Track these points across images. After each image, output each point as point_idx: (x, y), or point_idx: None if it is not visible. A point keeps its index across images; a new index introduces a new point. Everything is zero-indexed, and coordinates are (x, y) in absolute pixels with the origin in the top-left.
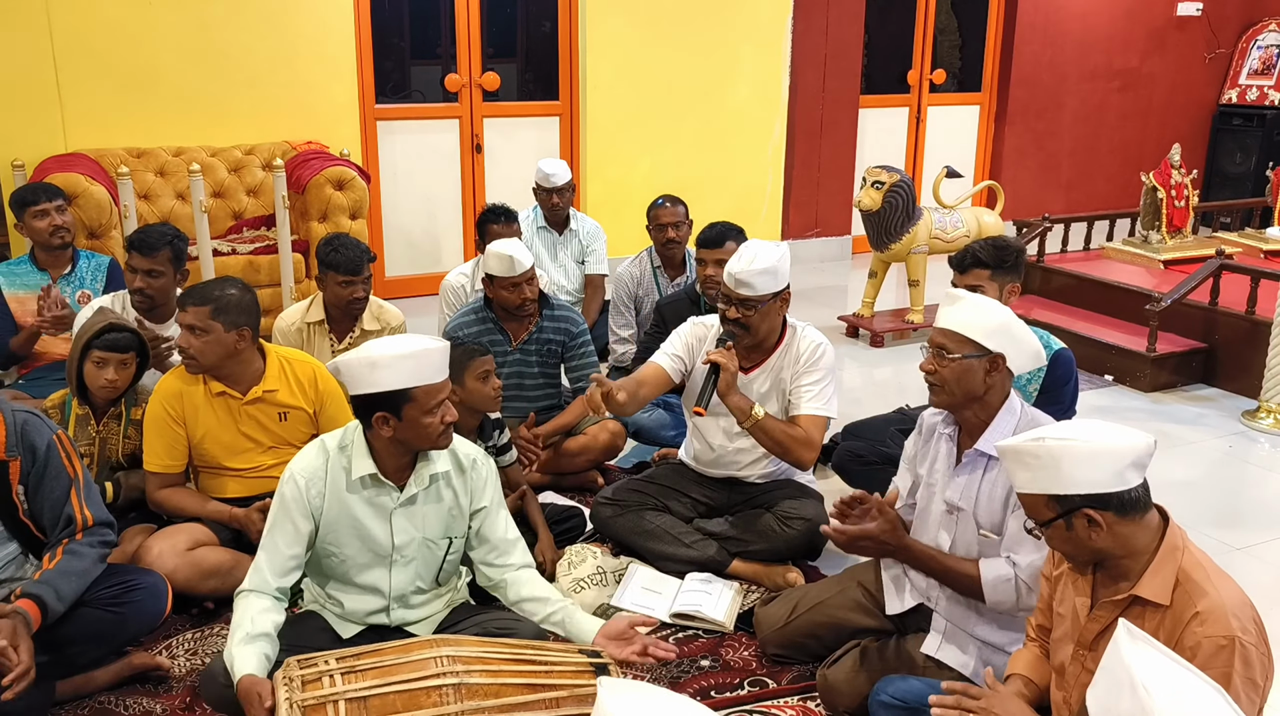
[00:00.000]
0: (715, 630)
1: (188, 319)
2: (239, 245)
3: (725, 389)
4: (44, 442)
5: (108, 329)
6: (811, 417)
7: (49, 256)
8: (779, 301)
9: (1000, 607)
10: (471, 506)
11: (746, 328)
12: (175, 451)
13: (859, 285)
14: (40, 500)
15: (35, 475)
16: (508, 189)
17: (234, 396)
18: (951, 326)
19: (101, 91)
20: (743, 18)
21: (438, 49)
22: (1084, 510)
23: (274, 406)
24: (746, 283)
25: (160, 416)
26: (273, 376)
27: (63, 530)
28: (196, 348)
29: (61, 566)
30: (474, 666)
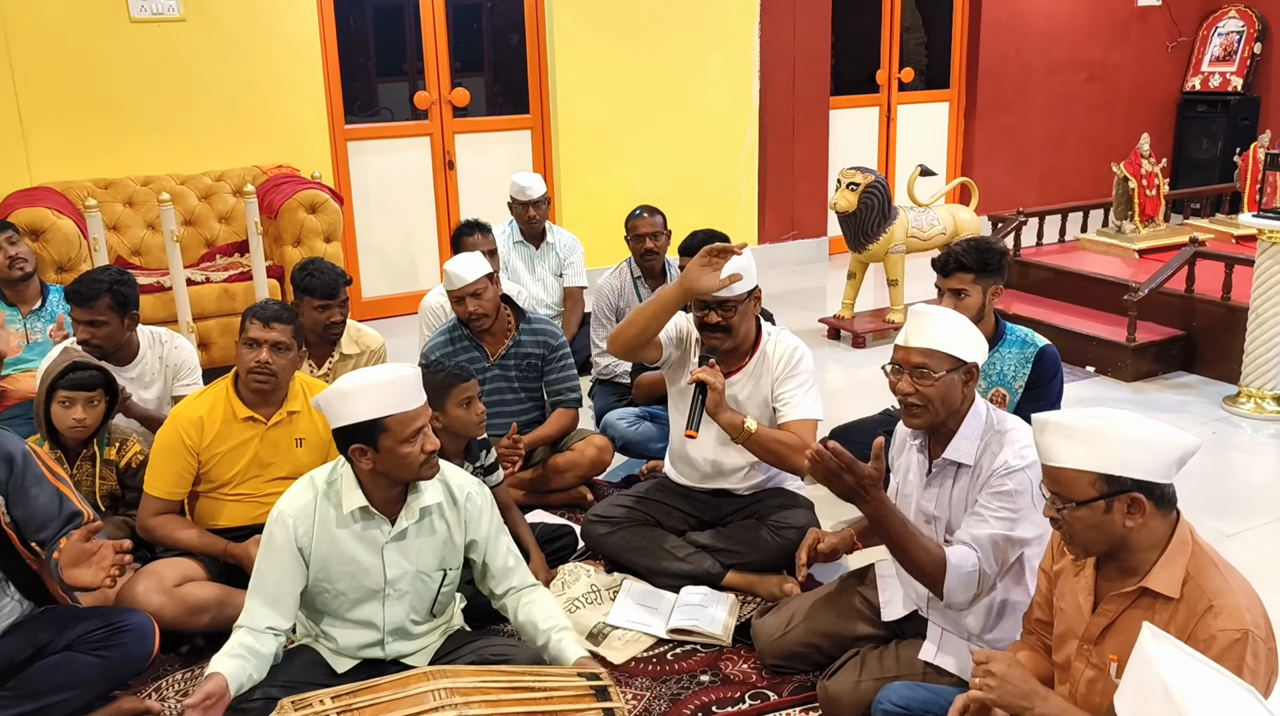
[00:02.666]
0: (713, 643)
1: (273, 335)
2: (213, 273)
3: (715, 408)
4: (18, 450)
5: (72, 368)
6: (801, 422)
7: (15, 292)
8: (752, 300)
9: (955, 598)
10: (466, 537)
11: (728, 330)
12: (182, 479)
13: (837, 287)
14: (28, 506)
15: (15, 482)
16: (482, 204)
17: (259, 420)
18: (929, 344)
19: (65, 123)
20: (710, 22)
21: (405, 66)
22: (1132, 493)
23: (293, 431)
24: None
25: (175, 442)
26: (295, 398)
27: (65, 526)
28: (280, 365)
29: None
30: (473, 697)
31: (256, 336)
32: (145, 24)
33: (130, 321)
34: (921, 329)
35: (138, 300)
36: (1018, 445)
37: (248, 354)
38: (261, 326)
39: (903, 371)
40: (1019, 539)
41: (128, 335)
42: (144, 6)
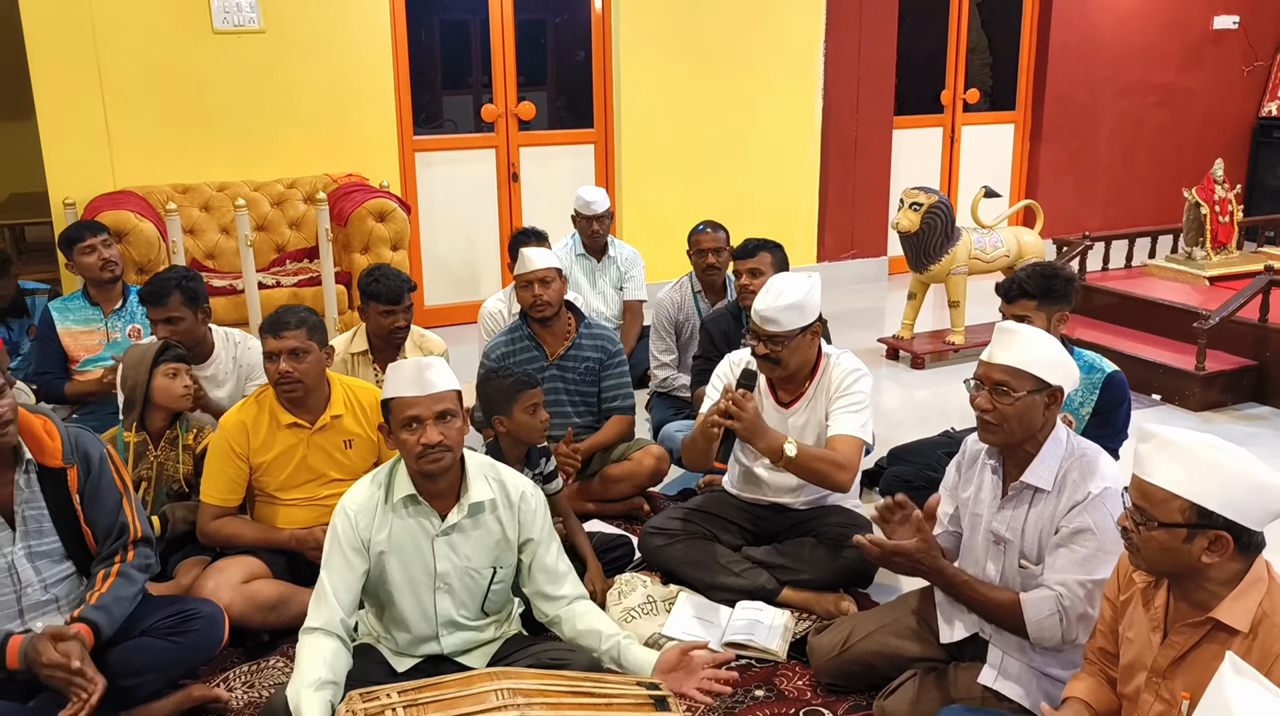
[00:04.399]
0: (768, 659)
1: (289, 343)
2: (283, 278)
3: (751, 435)
4: (97, 454)
5: (167, 345)
6: (845, 438)
7: (101, 292)
8: (808, 335)
9: (1045, 643)
10: (520, 538)
11: (776, 362)
12: (235, 485)
13: (896, 307)
14: (96, 510)
15: (90, 485)
16: (544, 217)
17: (304, 426)
18: (1013, 362)
19: (148, 129)
20: (775, 41)
21: (469, 80)
22: (1220, 531)
23: (340, 434)
24: (772, 319)
25: (224, 450)
26: (338, 402)
27: (116, 539)
28: (302, 370)
29: (114, 590)
30: (535, 699)
31: (272, 348)
32: (227, 35)
33: (203, 315)
34: (1008, 346)
35: (206, 296)
36: (1100, 474)
37: (270, 368)
38: (274, 338)
39: (983, 387)
40: (1102, 581)
41: (203, 331)
42: (226, 18)
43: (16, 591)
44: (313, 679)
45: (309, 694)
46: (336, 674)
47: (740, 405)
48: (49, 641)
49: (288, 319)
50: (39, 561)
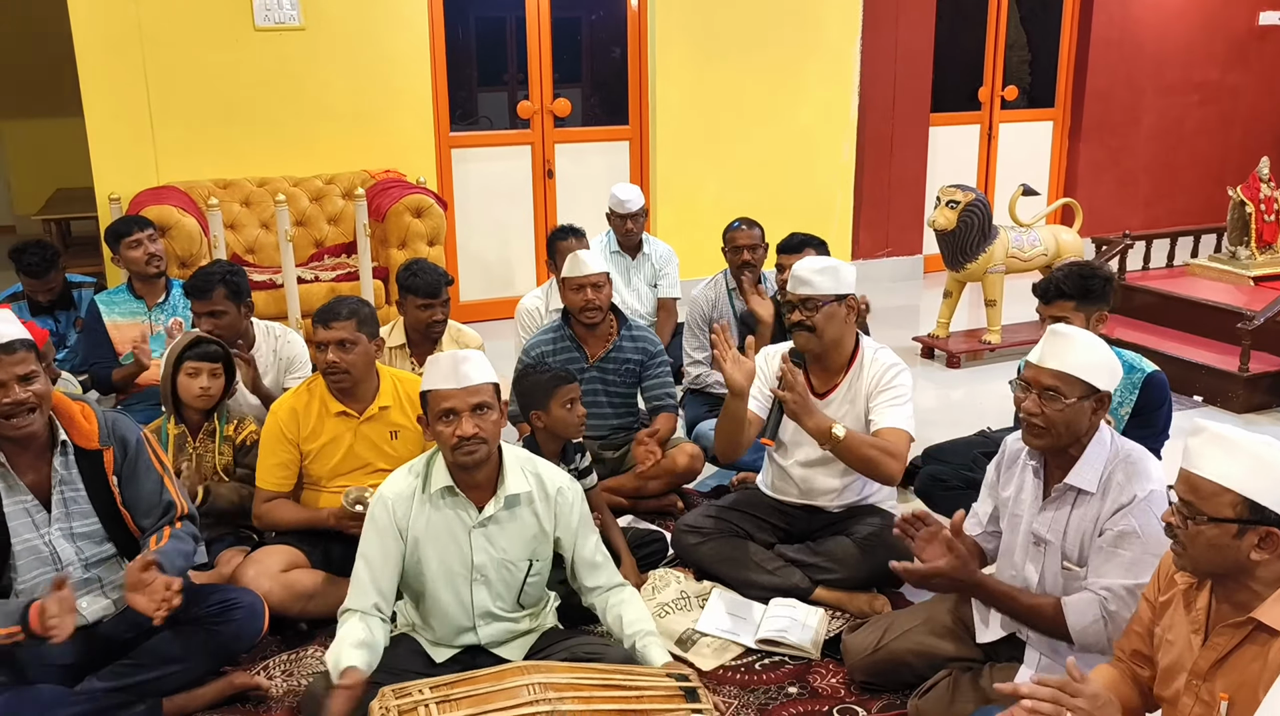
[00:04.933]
0: (802, 656)
1: (337, 334)
2: (321, 273)
3: (800, 412)
4: (133, 437)
5: (196, 342)
6: (894, 430)
7: (145, 285)
8: (843, 307)
9: (1090, 648)
10: (556, 531)
11: (812, 329)
12: (287, 470)
13: (931, 305)
14: (135, 491)
15: (128, 467)
16: (579, 214)
17: (352, 415)
18: (1065, 368)
19: (191, 125)
20: (811, 37)
21: (505, 77)
22: (1272, 528)
23: (387, 424)
24: (806, 281)
25: (276, 434)
26: (387, 393)
27: (162, 516)
28: (349, 361)
29: (171, 545)
30: (566, 693)
31: (322, 338)
32: (268, 33)
33: (246, 309)
34: (1058, 351)
35: (249, 290)
36: (1146, 476)
37: (320, 358)
38: (323, 328)
39: (1031, 390)
40: (1145, 583)
41: (245, 324)
42: (268, 16)
43: (58, 569)
44: (353, 640)
45: (348, 649)
46: (374, 641)
47: (793, 374)
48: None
49: (338, 310)
50: (79, 541)
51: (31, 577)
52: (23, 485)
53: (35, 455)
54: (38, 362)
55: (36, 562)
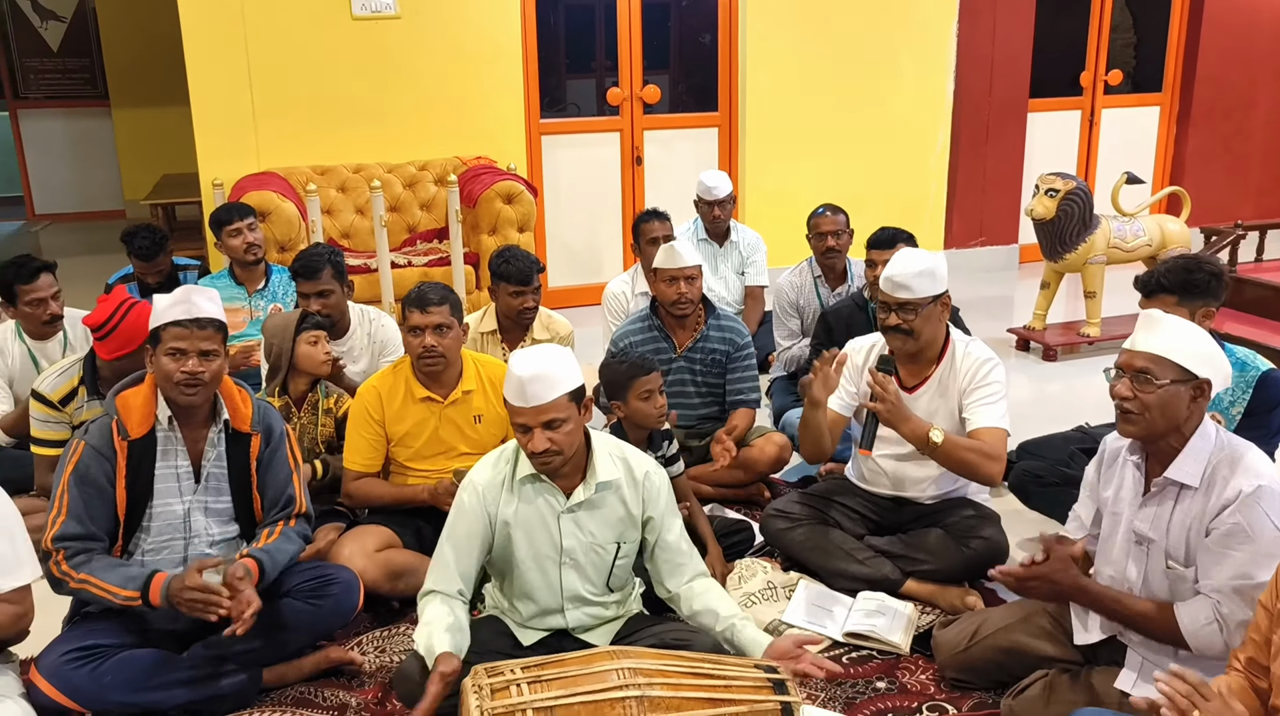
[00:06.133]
0: (890, 651)
1: (434, 318)
2: (414, 258)
3: (895, 420)
4: (278, 428)
5: (307, 314)
6: (991, 429)
7: (245, 272)
8: (939, 305)
9: (1206, 653)
10: (643, 515)
11: (909, 333)
12: (375, 450)
13: (1026, 296)
14: (268, 480)
15: (268, 455)
16: (666, 200)
17: (436, 399)
18: (1156, 350)
19: (290, 114)
20: (905, 22)
21: (593, 63)
22: None
23: (470, 409)
24: (905, 285)
25: (363, 416)
26: (470, 378)
27: (282, 509)
28: (445, 346)
29: (277, 544)
30: (655, 679)
31: (418, 323)
32: (365, 21)
33: (348, 290)
34: (1152, 332)
35: (346, 272)
36: (1252, 470)
37: (414, 341)
38: (420, 313)
39: (1124, 375)
40: (1262, 584)
41: (346, 305)
42: (364, 5)
43: (185, 539)
44: (444, 625)
45: (440, 634)
46: (463, 625)
47: (884, 385)
48: (195, 571)
49: (433, 295)
50: (210, 517)
51: (160, 541)
52: (182, 451)
53: (196, 427)
54: (222, 344)
55: (168, 528)
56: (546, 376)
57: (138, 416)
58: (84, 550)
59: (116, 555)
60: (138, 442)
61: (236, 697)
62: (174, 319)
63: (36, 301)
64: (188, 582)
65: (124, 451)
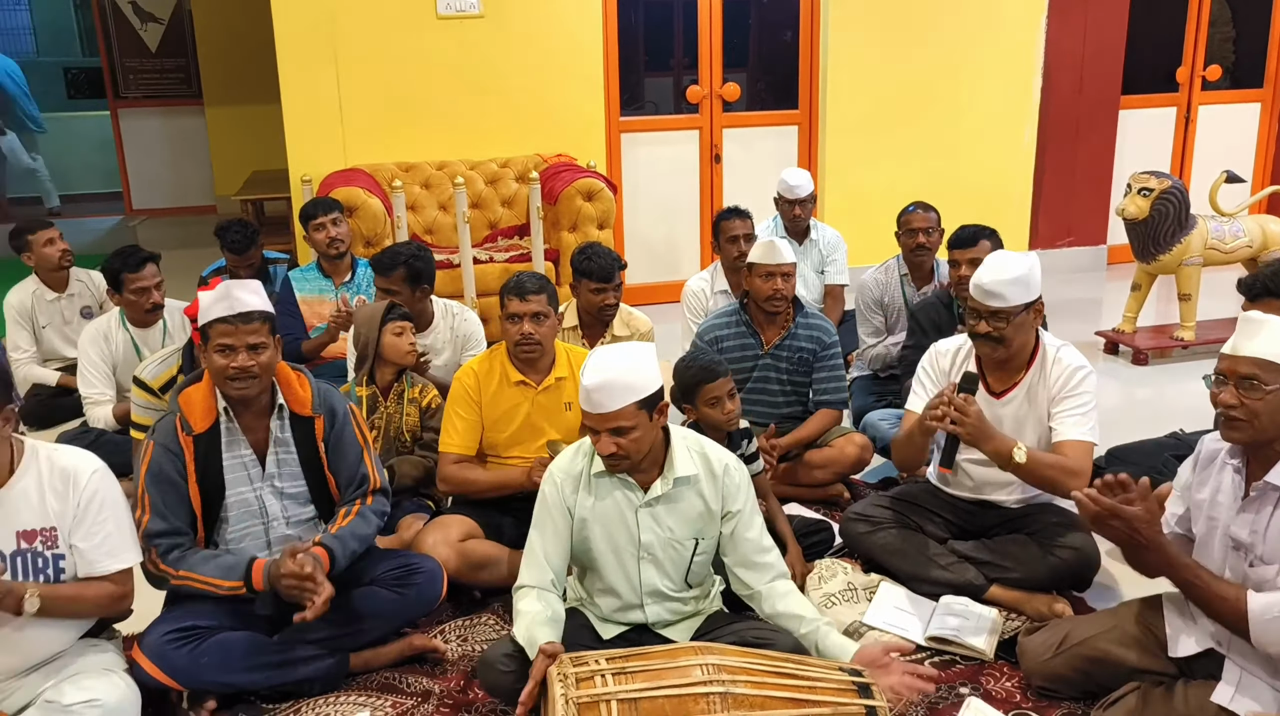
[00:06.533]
0: (974, 657)
1: (532, 307)
2: (495, 253)
3: (978, 439)
4: (341, 409)
5: (394, 304)
6: (1077, 443)
7: (331, 265)
8: (1031, 313)
9: (1269, 648)
10: (722, 510)
11: (1000, 341)
12: (471, 432)
13: (1115, 298)
14: (339, 459)
15: (334, 436)
16: (745, 198)
17: (530, 385)
18: (1263, 354)
19: (376, 111)
20: (992, 19)
21: (670, 61)
22: None
23: (562, 396)
24: (997, 293)
25: (461, 398)
26: (562, 366)
27: (357, 488)
28: (542, 333)
29: (352, 527)
30: (739, 676)
31: (517, 311)
32: (449, 21)
33: (422, 293)
34: (1255, 336)
35: (432, 274)
36: None
37: (512, 328)
38: (519, 300)
39: (1227, 382)
40: None
41: (420, 305)
42: (449, 4)
43: (264, 524)
44: (543, 617)
45: (540, 626)
46: (559, 616)
47: (963, 411)
48: (289, 555)
49: (530, 284)
50: (286, 500)
51: (241, 529)
52: (244, 441)
53: (256, 416)
54: (270, 335)
55: (246, 515)
56: (612, 385)
57: (199, 411)
58: (175, 545)
59: (200, 546)
60: (202, 437)
61: (325, 681)
62: (219, 316)
63: (141, 290)
64: (283, 570)
65: (190, 447)
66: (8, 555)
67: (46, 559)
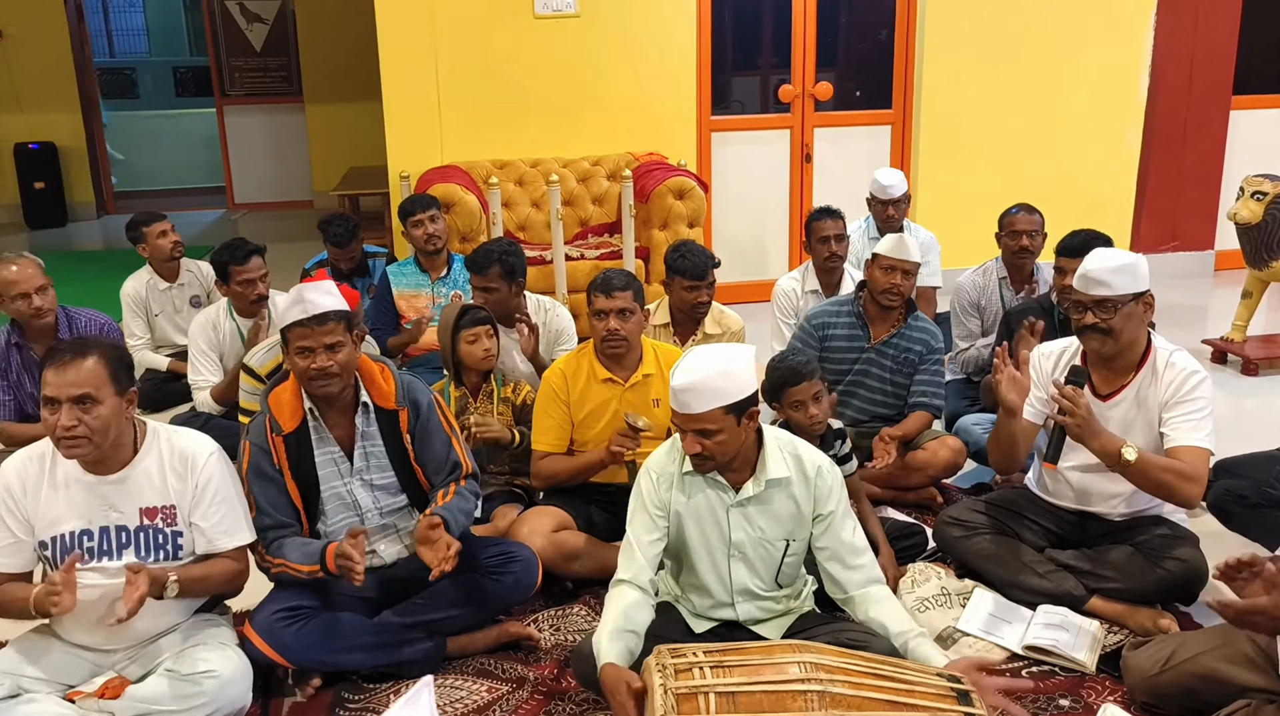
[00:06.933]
0: (1073, 669)
1: (619, 303)
2: (586, 251)
3: (1085, 435)
4: (425, 400)
5: (464, 311)
6: (1192, 449)
7: (429, 260)
8: (1140, 304)
9: None
10: (815, 512)
11: (1107, 332)
12: (561, 429)
13: (1222, 305)
14: (426, 450)
15: (420, 427)
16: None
17: (617, 382)
18: None
19: (473, 109)
20: (1098, 17)
21: (759, 60)
22: None
23: (650, 392)
24: (1102, 281)
25: (549, 397)
26: (649, 362)
27: (449, 474)
28: (628, 329)
29: (455, 502)
30: (837, 676)
31: (603, 307)
32: (546, 20)
33: (516, 289)
34: None
35: (524, 270)
36: None
37: (599, 325)
38: (605, 297)
39: None
40: None
41: (515, 301)
42: (546, 4)
43: (359, 516)
44: (612, 627)
45: (606, 642)
46: (634, 623)
47: (1073, 400)
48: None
49: (617, 281)
50: (377, 492)
51: (337, 521)
52: (331, 437)
53: (341, 412)
54: (346, 333)
55: (341, 508)
56: (700, 388)
57: (287, 411)
58: (278, 537)
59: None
60: (291, 436)
61: (423, 664)
62: (295, 319)
63: (246, 282)
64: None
65: (279, 446)
66: (132, 530)
67: (166, 535)
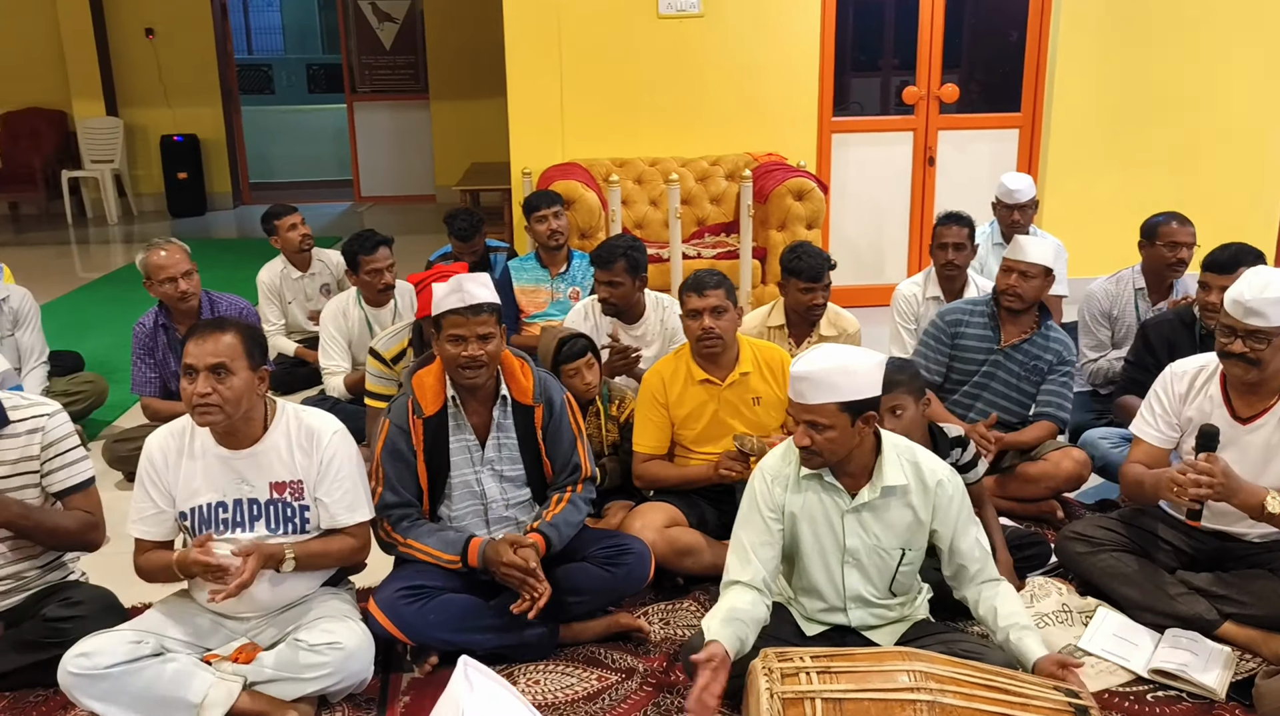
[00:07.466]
0: (1202, 695)
1: (711, 301)
2: (703, 249)
3: (1224, 496)
4: (559, 399)
5: (560, 344)
6: None
7: (549, 255)
8: None
9: None
10: (933, 522)
11: (1255, 362)
12: (661, 432)
13: None
14: (554, 447)
15: (553, 425)
16: (957, 202)
17: (715, 382)
18: None
19: (595, 107)
20: (1243, 19)
21: (880, 61)
22: None
23: (748, 391)
24: (1258, 311)
25: (648, 400)
26: (747, 361)
27: (569, 475)
28: (722, 327)
29: (564, 515)
30: (947, 686)
31: (696, 306)
32: (669, 20)
33: (640, 283)
34: None
35: (646, 265)
36: None
37: (693, 324)
38: (697, 296)
39: None
40: None
41: (638, 296)
42: (670, 4)
43: (484, 505)
44: (724, 615)
45: (717, 624)
46: (748, 616)
47: (1208, 472)
48: (508, 545)
49: (708, 280)
50: (504, 483)
51: (462, 508)
52: (469, 425)
53: (480, 402)
54: (497, 325)
55: (467, 495)
56: (817, 379)
57: (430, 395)
58: (404, 516)
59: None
60: (431, 420)
61: (537, 648)
62: (451, 307)
63: (374, 271)
64: (505, 559)
65: (418, 428)
66: (263, 503)
67: (294, 509)
